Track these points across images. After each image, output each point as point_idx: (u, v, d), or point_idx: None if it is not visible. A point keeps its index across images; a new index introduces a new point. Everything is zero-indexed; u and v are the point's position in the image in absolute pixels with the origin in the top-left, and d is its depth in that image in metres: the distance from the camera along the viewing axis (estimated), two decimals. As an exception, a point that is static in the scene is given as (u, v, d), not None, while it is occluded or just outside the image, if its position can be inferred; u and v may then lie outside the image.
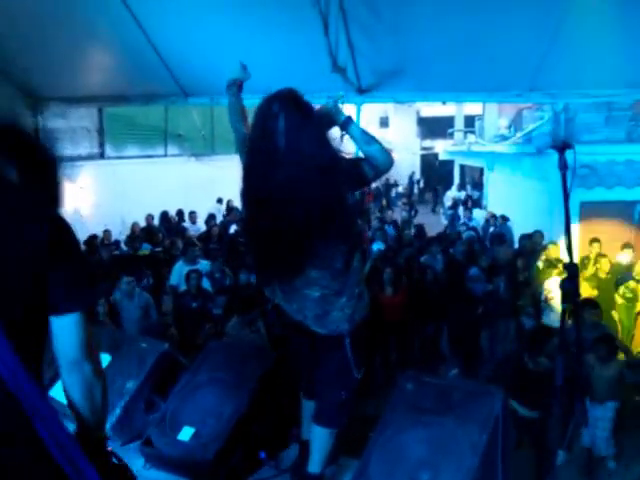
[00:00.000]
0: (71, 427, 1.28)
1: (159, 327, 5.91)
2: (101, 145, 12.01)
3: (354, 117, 6.56)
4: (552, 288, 5.59)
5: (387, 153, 2.22)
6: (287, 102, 2.15)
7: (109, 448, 1.37)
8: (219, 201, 13.05)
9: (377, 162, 2.19)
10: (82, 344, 1.25)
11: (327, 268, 2.18)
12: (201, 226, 11.32)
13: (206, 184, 12.77)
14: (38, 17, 4.57)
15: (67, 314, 1.23)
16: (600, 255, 6.50)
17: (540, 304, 5.76)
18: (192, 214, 11.67)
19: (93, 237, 8.59)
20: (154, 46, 4.97)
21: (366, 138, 2.25)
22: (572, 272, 2.70)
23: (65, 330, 1.23)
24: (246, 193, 2.24)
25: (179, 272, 6.74)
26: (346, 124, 2.29)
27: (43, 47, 4.70)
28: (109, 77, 5.42)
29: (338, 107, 2.37)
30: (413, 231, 10.29)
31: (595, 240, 6.67)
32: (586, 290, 5.78)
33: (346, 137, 2.36)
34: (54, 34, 4.71)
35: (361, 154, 2.30)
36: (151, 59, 5.06)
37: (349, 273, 2.23)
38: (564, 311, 2.61)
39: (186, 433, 2.86)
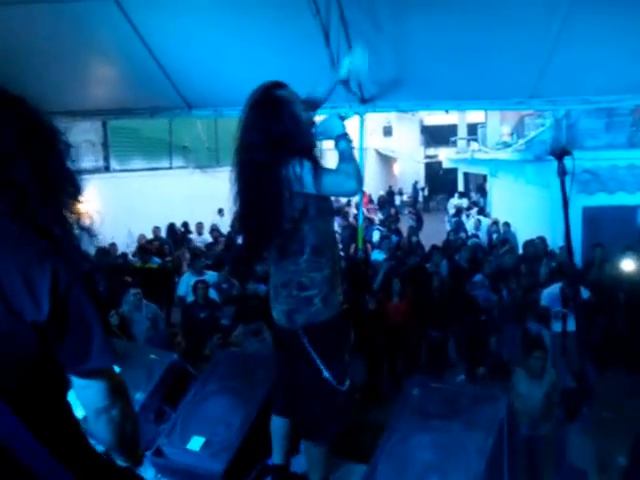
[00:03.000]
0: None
1: (166, 337, 5.94)
2: (106, 158, 12.11)
3: (357, 127, 6.66)
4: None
5: (359, 180, 2.28)
6: (254, 94, 2.39)
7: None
8: (220, 212, 13.12)
9: (348, 179, 2.24)
10: (108, 394, 1.17)
11: (271, 260, 2.31)
12: (207, 237, 11.38)
13: (211, 195, 12.85)
14: (43, 33, 4.65)
15: (86, 377, 1.14)
16: (603, 260, 6.49)
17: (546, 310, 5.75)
18: (199, 225, 11.74)
19: (102, 250, 8.64)
20: (157, 60, 5.04)
21: (350, 157, 2.33)
22: (573, 278, 2.73)
23: (84, 389, 1.16)
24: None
25: (187, 283, 6.78)
26: (341, 138, 2.39)
27: (48, 62, 4.77)
28: (113, 91, 5.50)
29: (340, 121, 2.47)
30: (415, 239, 10.31)
31: (598, 245, 6.65)
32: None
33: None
34: (59, 49, 4.79)
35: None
36: (155, 72, 5.13)
37: (294, 270, 2.25)
38: (565, 316, 2.63)
39: (196, 443, 2.87)
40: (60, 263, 1.06)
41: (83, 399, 1.16)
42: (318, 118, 2.56)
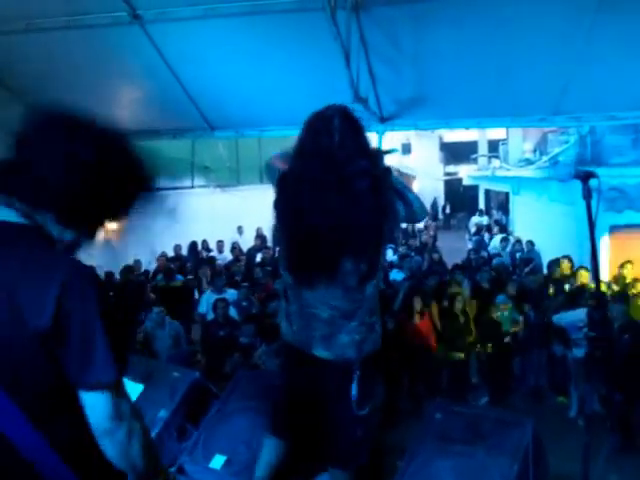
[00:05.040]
0: None
1: (188, 355, 5.97)
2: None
3: (376, 145, 6.68)
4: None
5: (423, 205, 2.24)
6: (340, 109, 2.20)
7: None
8: (239, 230, 13.21)
9: (414, 207, 2.18)
10: (110, 414, 1.15)
11: (340, 285, 2.05)
12: (228, 255, 11.45)
13: (231, 214, 12.98)
14: (74, 57, 4.81)
15: (88, 391, 1.14)
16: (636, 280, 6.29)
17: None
18: (219, 243, 11.84)
19: (128, 268, 8.76)
20: (181, 83, 5.16)
21: (405, 187, 2.25)
22: (600, 301, 2.66)
23: (88, 404, 1.15)
24: (293, 196, 2.10)
25: (207, 301, 6.82)
26: (387, 172, 2.23)
27: (76, 85, 4.91)
28: (139, 113, 5.62)
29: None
30: (437, 255, 10.20)
31: (628, 262, 6.48)
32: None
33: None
34: (87, 73, 4.94)
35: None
36: (178, 95, 5.25)
37: (363, 297, 2.10)
38: (592, 340, 2.56)
39: (218, 461, 2.87)
40: (71, 280, 1.11)
41: (90, 420, 1.15)
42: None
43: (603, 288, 5.10)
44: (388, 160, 2.32)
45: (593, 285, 3.42)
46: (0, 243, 1.14)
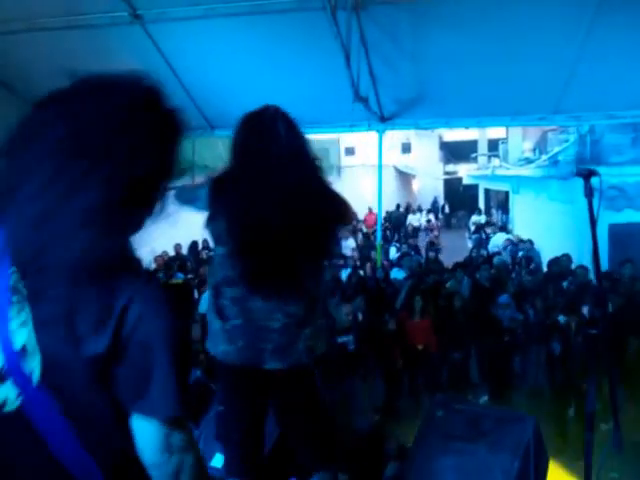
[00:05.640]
0: None
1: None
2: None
3: (376, 144, 6.66)
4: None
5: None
6: (278, 109, 2.06)
7: None
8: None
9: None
10: (159, 448, 1.05)
11: (297, 290, 1.94)
12: (227, 254, 11.45)
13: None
14: (74, 56, 4.81)
15: (139, 420, 1.04)
16: (633, 277, 6.31)
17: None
18: (219, 243, 11.84)
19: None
20: (182, 82, 5.18)
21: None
22: (601, 299, 2.67)
23: (139, 433, 1.05)
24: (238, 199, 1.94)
25: (207, 300, 6.81)
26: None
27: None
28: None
29: None
30: (432, 254, 10.26)
31: (628, 261, 6.50)
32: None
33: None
34: (89, 71, 4.95)
35: None
36: (179, 94, 5.25)
37: (317, 299, 2.01)
38: (593, 337, 2.58)
39: (219, 460, 2.87)
40: (137, 297, 1.01)
41: (139, 449, 1.05)
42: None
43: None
44: (388, 159, 2.32)
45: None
46: None
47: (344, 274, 8.23)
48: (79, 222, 0.95)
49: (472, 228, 17.10)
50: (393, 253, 10.52)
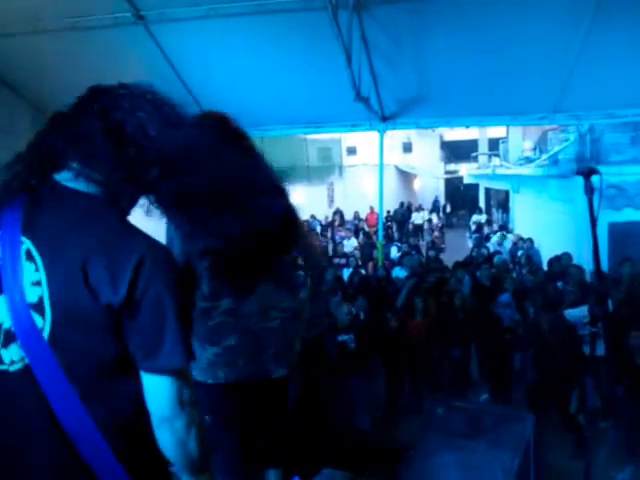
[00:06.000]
0: None
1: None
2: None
3: (378, 144, 6.66)
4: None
5: None
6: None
7: None
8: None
9: None
10: (171, 401, 1.10)
11: (287, 281, 1.90)
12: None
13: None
14: (77, 57, 4.84)
15: (152, 374, 1.08)
16: (633, 275, 6.31)
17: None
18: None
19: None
20: (184, 83, 5.20)
21: None
22: (601, 296, 2.70)
23: (150, 387, 1.09)
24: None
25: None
26: None
27: (81, 85, 4.94)
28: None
29: None
30: (433, 253, 10.29)
31: (627, 260, 6.52)
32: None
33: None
34: (92, 73, 4.97)
35: None
36: (182, 95, 5.24)
37: (305, 287, 1.97)
38: (593, 335, 2.60)
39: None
40: (149, 256, 1.06)
41: (149, 404, 1.10)
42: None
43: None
44: (390, 158, 2.30)
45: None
46: (73, 215, 1.09)
47: (346, 273, 8.25)
48: None
49: (473, 227, 17.12)
50: (394, 253, 10.53)
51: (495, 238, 12.34)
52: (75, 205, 1.10)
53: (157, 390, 1.09)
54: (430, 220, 18.62)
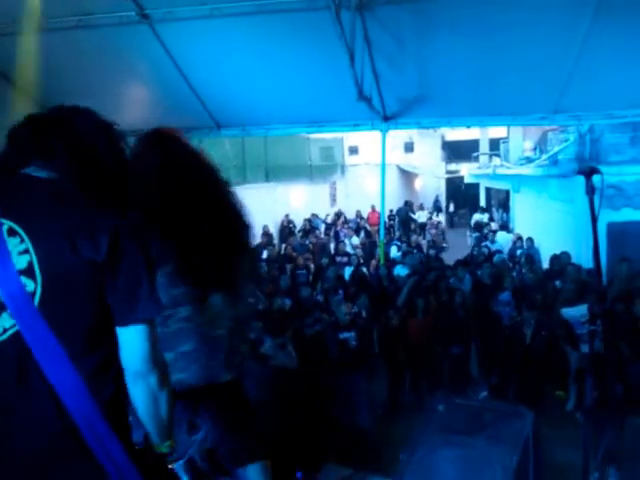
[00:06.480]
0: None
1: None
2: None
3: (380, 143, 6.70)
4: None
5: None
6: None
7: (170, 466, 1.36)
8: (244, 227, 13.35)
9: None
10: (146, 355, 1.20)
11: (233, 289, 1.91)
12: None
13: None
14: (82, 56, 4.88)
15: (128, 326, 1.19)
16: (632, 275, 6.34)
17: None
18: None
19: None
20: (189, 82, 5.23)
21: None
22: (601, 295, 2.73)
23: (128, 342, 1.20)
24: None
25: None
26: None
27: (86, 84, 4.98)
28: (147, 111, 5.69)
29: None
30: (433, 251, 10.33)
31: (625, 260, 6.55)
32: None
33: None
34: (96, 72, 5.01)
35: None
36: (186, 94, 5.32)
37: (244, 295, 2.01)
38: (593, 333, 2.63)
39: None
40: (122, 224, 1.21)
41: (125, 359, 1.19)
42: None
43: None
44: (392, 158, 2.33)
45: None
46: (48, 196, 1.21)
47: (347, 272, 8.29)
48: None
49: (474, 226, 17.14)
50: (394, 252, 10.57)
51: (498, 237, 12.42)
52: (48, 188, 1.21)
53: (133, 344, 1.19)
54: (430, 218, 18.68)
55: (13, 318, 1.12)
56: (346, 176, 21.19)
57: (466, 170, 24.06)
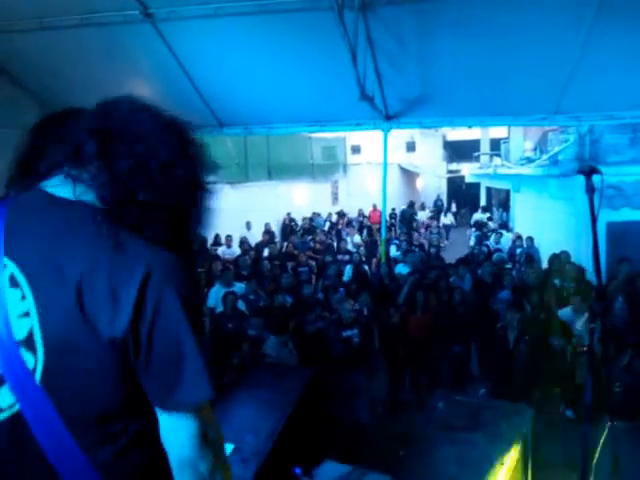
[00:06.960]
0: None
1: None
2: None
3: (382, 143, 6.72)
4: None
5: None
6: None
7: None
8: (248, 225, 13.37)
9: None
10: (196, 442, 0.94)
11: None
12: (236, 250, 11.57)
13: (240, 209, 13.14)
14: (85, 54, 4.90)
15: (171, 412, 0.93)
16: (633, 274, 6.36)
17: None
18: (228, 238, 11.94)
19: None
20: (192, 80, 5.25)
21: None
22: (601, 294, 2.76)
23: (171, 427, 0.94)
24: None
25: (216, 294, 6.91)
26: None
27: (89, 82, 5.00)
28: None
29: None
30: (434, 250, 10.39)
31: (625, 259, 6.58)
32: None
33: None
34: (100, 70, 5.03)
35: None
36: (189, 92, 5.34)
37: None
38: (592, 331, 2.65)
39: (226, 449, 2.96)
40: (157, 270, 0.88)
41: (168, 446, 0.94)
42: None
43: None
44: (393, 157, 2.37)
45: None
46: (64, 225, 0.92)
47: (349, 270, 8.33)
48: None
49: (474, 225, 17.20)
50: (393, 251, 10.61)
51: (498, 237, 12.47)
52: (66, 214, 0.93)
53: (178, 430, 0.93)
54: (431, 217, 18.77)
55: (14, 395, 0.90)
56: (348, 175, 21.26)
57: (467, 170, 24.10)
